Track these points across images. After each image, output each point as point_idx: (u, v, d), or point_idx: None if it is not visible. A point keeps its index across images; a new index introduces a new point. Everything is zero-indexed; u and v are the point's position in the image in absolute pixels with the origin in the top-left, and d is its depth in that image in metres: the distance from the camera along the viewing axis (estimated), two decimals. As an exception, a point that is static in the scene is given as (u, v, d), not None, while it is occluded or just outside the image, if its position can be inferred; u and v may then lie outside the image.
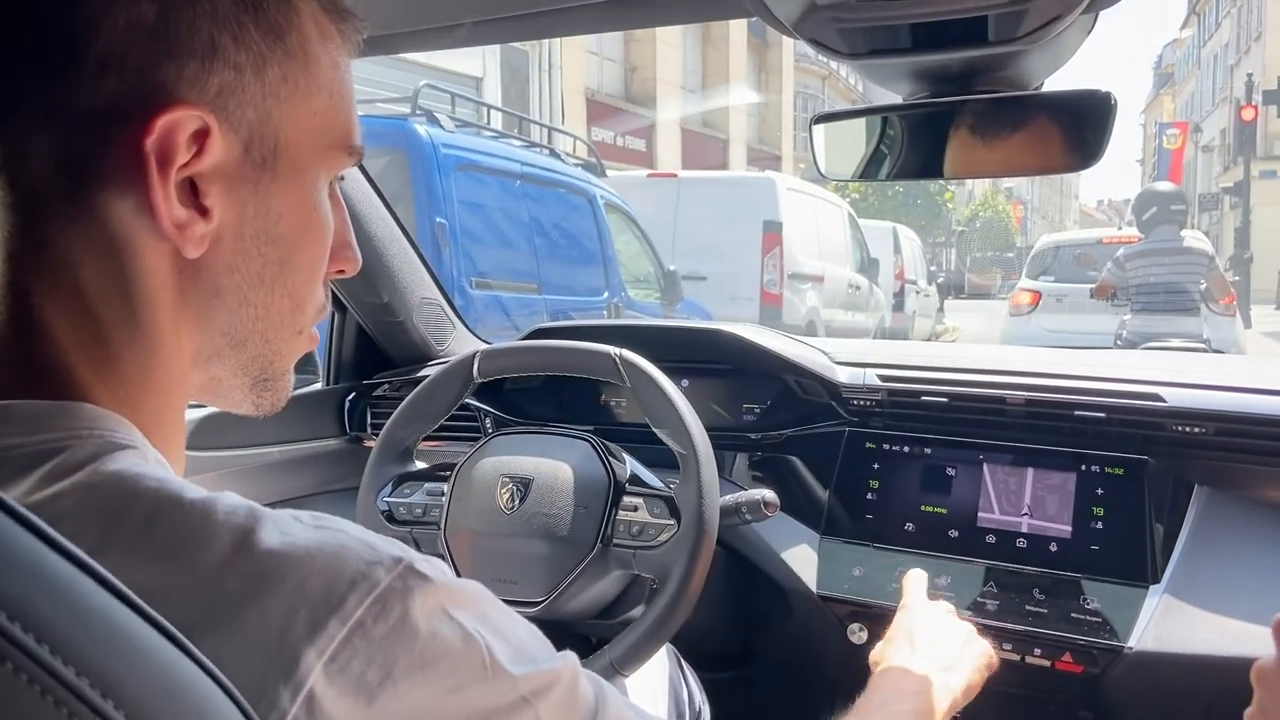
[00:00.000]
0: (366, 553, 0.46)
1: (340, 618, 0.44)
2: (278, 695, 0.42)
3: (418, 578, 0.47)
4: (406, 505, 1.26)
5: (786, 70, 23.56)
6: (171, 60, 0.48)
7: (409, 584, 0.46)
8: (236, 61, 0.50)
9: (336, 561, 0.45)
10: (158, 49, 0.48)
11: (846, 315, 9.78)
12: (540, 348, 1.31)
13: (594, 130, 14.88)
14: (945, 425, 1.39)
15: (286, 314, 0.57)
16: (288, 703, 0.42)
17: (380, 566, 0.46)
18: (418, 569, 0.47)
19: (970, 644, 0.99)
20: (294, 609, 0.43)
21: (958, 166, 1.05)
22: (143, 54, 0.48)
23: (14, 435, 0.47)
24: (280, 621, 0.43)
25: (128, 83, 0.48)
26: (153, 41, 0.48)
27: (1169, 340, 4.95)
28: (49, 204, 0.49)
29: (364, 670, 0.44)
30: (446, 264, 4.50)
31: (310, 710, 0.42)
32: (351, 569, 0.45)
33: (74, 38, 0.47)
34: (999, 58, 0.89)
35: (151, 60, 0.48)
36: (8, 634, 0.31)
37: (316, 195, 0.57)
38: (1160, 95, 54.52)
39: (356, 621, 0.44)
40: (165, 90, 0.48)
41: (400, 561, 0.47)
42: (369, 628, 0.44)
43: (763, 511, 1.17)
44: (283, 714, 0.42)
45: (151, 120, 0.48)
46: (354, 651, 0.44)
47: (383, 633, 0.45)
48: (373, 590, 0.45)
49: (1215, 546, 1.22)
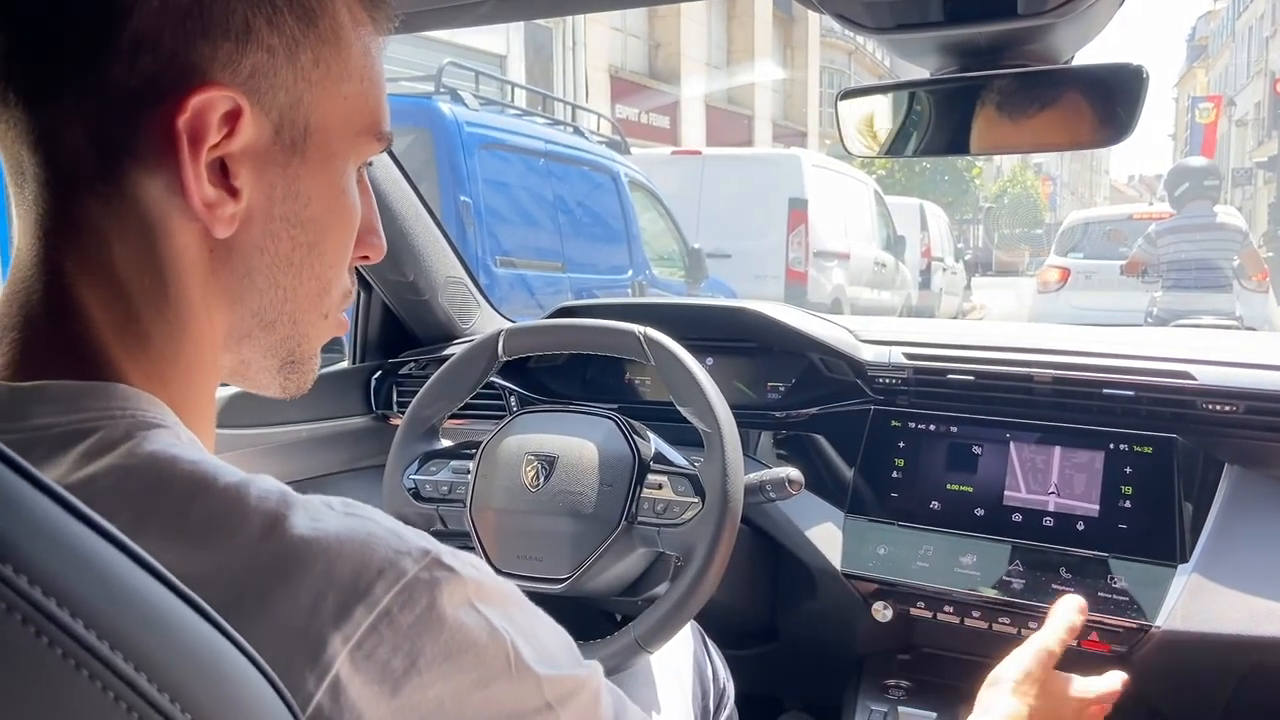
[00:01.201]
0: (395, 542, 0.47)
1: (367, 605, 0.44)
2: (303, 679, 0.42)
3: (445, 570, 0.47)
4: (432, 483, 1.27)
5: (812, 45, 23.32)
6: (206, 41, 0.49)
7: (435, 575, 0.46)
8: (270, 44, 0.51)
9: (365, 550, 0.45)
10: (192, 29, 0.48)
11: (872, 293, 9.72)
12: (565, 326, 1.31)
13: (618, 107, 14.83)
14: (972, 404, 1.38)
15: (313, 297, 0.58)
16: (313, 687, 0.42)
17: (408, 557, 0.46)
18: (445, 562, 0.47)
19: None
20: (322, 595, 0.44)
21: (985, 142, 1.04)
22: (177, 34, 0.48)
23: (49, 415, 0.47)
24: (308, 607, 0.43)
25: (162, 63, 0.48)
26: (187, 22, 0.48)
27: (1201, 317, 4.89)
28: (82, 182, 0.49)
29: (389, 658, 0.44)
30: (471, 243, 4.50)
31: (335, 696, 0.43)
32: (379, 557, 0.46)
33: (110, 17, 0.47)
34: (1028, 31, 0.88)
35: (186, 40, 0.48)
36: (44, 609, 0.32)
37: (345, 180, 0.57)
38: (1193, 68, 53.54)
39: (383, 610, 0.44)
40: (199, 71, 0.49)
41: (428, 554, 0.47)
42: (395, 616, 0.45)
43: (787, 490, 1.17)
44: (307, 698, 0.42)
45: (184, 100, 0.48)
46: (380, 639, 0.44)
47: (409, 622, 0.45)
48: (400, 579, 0.45)
49: (1245, 525, 1.21)
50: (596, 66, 14.44)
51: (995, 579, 1.25)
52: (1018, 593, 1.23)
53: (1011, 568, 1.26)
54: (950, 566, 1.27)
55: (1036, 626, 1.21)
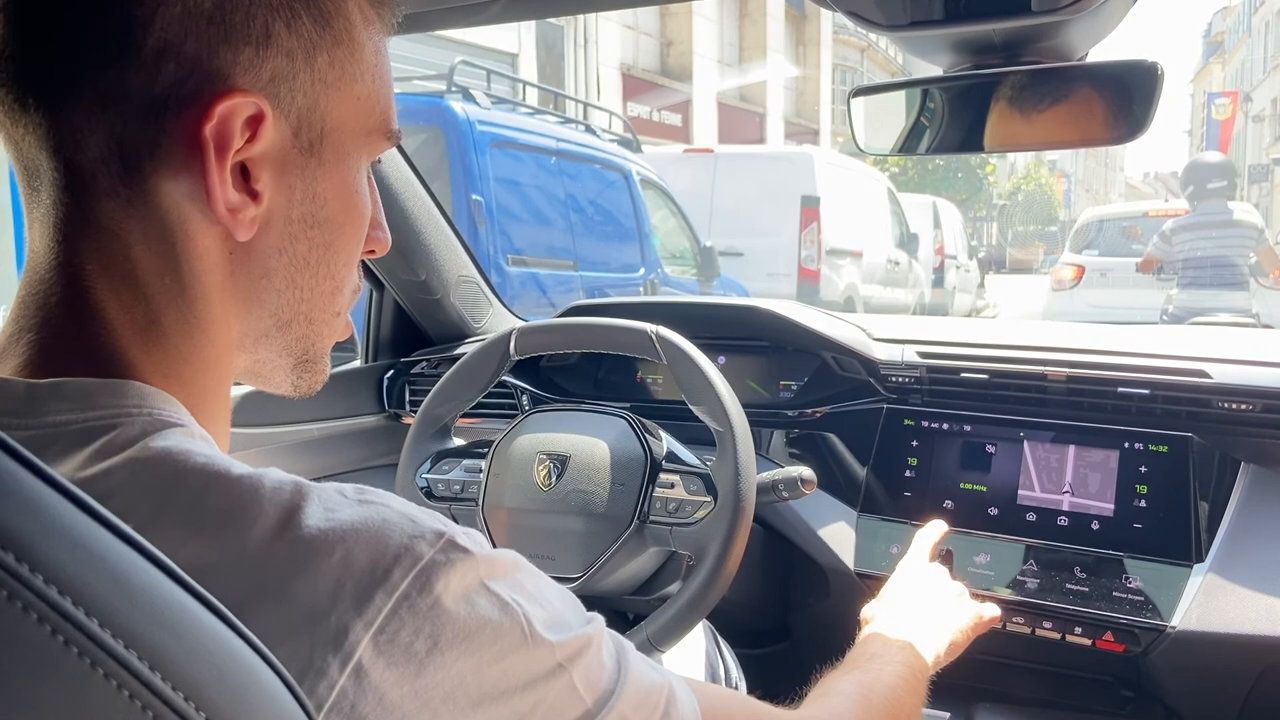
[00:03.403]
0: (409, 526, 0.47)
1: (386, 590, 0.45)
2: (326, 666, 0.43)
3: (459, 551, 0.48)
4: (445, 482, 1.28)
5: (824, 43, 23.26)
6: (227, 46, 0.49)
7: (450, 557, 0.47)
8: (289, 48, 0.51)
9: (380, 535, 0.46)
10: (214, 36, 0.49)
11: (885, 291, 9.69)
12: (577, 325, 1.31)
13: (630, 106, 14.83)
14: (985, 402, 1.37)
15: (328, 295, 0.58)
16: (336, 673, 0.43)
17: (423, 540, 0.47)
18: (459, 542, 0.48)
19: (960, 604, 1.01)
20: (340, 582, 0.44)
21: (999, 139, 1.03)
22: (200, 40, 0.49)
23: (67, 411, 0.48)
24: (328, 594, 0.44)
25: (186, 69, 0.48)
26: (209, 28, 0.49)
27: (1216, 315, 4.85)
28: (103, 186, 0.50)
29: (412, 640, 0.45)
30: (483, 241, 4.51)
31: (358, 680, 0.44)
32: (395, 543, 0.46)
33: (133, 23, 0.48)
34: (1042, 28, 0.87)
35: (208, 47, 0.49)
36: (59, 607, 0.32)
37: (358, 179, 0.58)
38: (1209, 64, 53.21)
39: (402, 594, 0.45)
40: (222, 77, 0.49)
41: (442, 535, 0.48)
42: (414, 600, 0.45)
43: (800, 489, 1.17)
44: (331, 684, 0.43)
45: (211, 106, 0.49)
46: (401, 623, 0.45)
47: (428, 604, 0.46)
48: (417, 563, 0.46)
49: (1261, 525, 1.20)
50: (608, 64, 14.43)
51: (1009, 578, 1.25)
52: (1032, 592, 1.23)
53: (1026, 567, 1.25)
54: (964, 566, 1.27)
55: (1050, 626, 1.22)
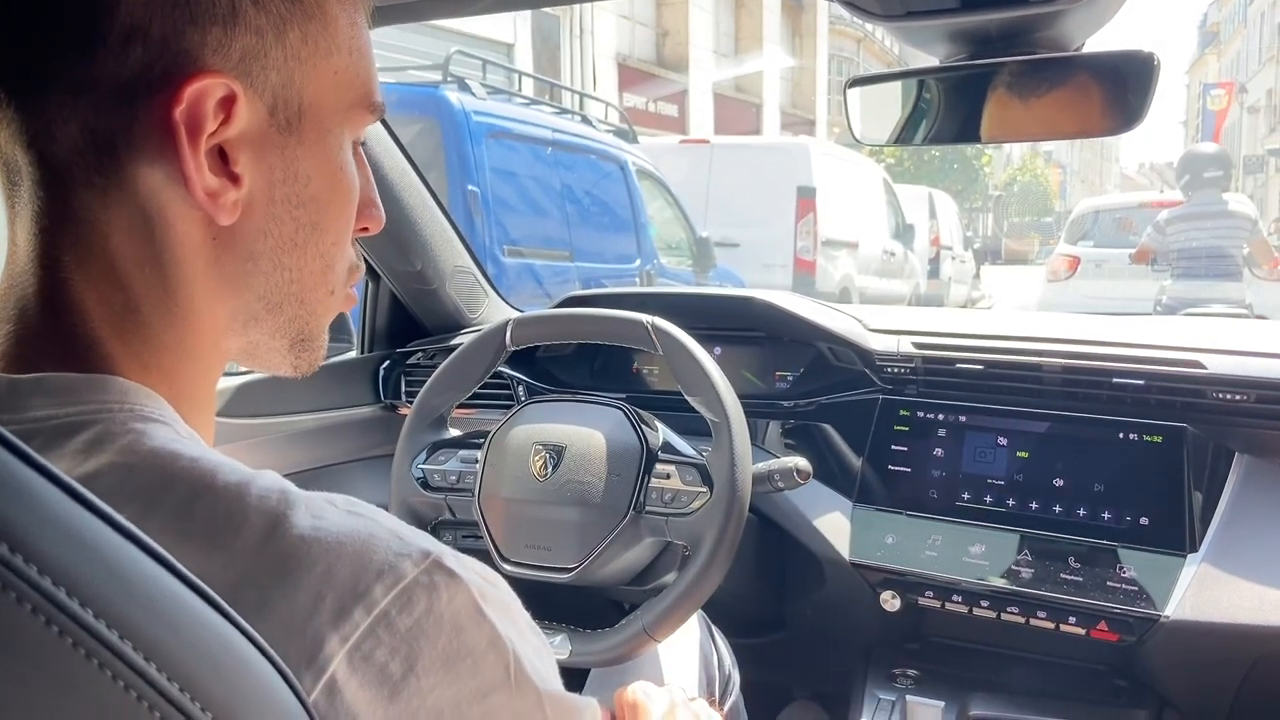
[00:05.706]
0: (395, 544, 0.46)
1: (365, 606, 0.44)
2: (300, 678, 0.42)
3: (445, 574, 0.46)
4: (441, 472, 1.28)
5: (821, 33, 23.22)
6: (194, 27, 0.48)
7: (435, 579, 0.46)
8: (257, 25, 0.50)
9: (365, 550, 0.45)
10: (180, 17, 0.48)
11: (881, 282, 9.70)
12: (573, 315, 1.31)
13: (626, 96, 14.78)
14: (980, 393, 1.37)
15: (318, 275, 0.57)
16: (309, 686, 0.42)
17: (408, 559, 0.46)
18: (446, 565, 0.47)
19: None
20: (320, 595, 0.43)
21: (996, 130, 1.03)
22: (166, 23, 0.48)
23: (48, 406, 0.47)
24: (307, 606, 0.43)
25: (153, 53, 0.48)
26: (175, 9, 0.48)
27: (1210, 306, 4.86)
28: (79, 177, 0.49)
29: (387, 661, 0.44)
30: (479, 232, 4.50)
31: (330, 697, 0.42)
32: (379, 559, 0.45)
33: (98, 10, 0.47)
34: (1039, 18, 0.87)
35: (175, 29, 0.48)
36: (54, 599, 0.32)
37: (342, 155, 0.57)
38: (1205, 54, 53.14)
39: (381, 612, 0.44)
40: (190, 58, 0.48)
41: (428, 555, 0.46)
42: (393, 619, 0.44)
43: (795, 479, 1.17)
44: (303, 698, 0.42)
45: (179, 90, 0.48)
46: (377, 641, 0.44)
47: (407, 625, 0.44)
48: (399, 582, 0.45)
49: (1255, 515, 1.21)
50: (604, 55, 14.39)
51: (1004, 568, 1.25)
52: (1026, 582, 1.23)
53: (1020, 557, 1.25)
54: (959, 556, 1.27)
55: (1045, 616, 1.22)
